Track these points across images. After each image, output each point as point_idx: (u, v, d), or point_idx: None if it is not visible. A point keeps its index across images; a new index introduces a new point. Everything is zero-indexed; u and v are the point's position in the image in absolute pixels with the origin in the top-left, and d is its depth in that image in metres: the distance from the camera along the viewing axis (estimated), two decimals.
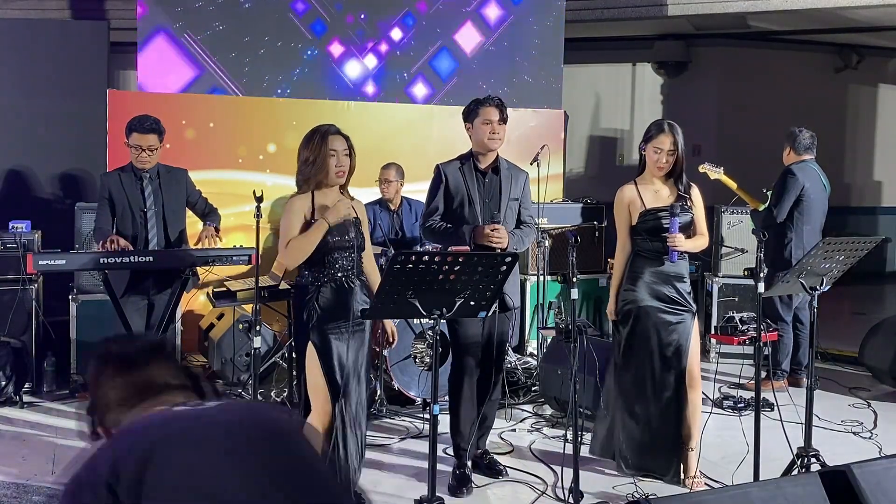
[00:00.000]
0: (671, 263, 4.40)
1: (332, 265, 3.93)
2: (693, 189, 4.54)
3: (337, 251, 3.93)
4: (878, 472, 2.95)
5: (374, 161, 6.41)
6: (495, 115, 4.53)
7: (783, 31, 11.36)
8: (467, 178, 4.57)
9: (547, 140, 6.97)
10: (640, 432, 4.47)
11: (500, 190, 4.57)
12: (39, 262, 4.41)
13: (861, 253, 4.36)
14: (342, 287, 3.93)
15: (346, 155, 3.98)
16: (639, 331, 4.44)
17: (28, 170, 7.24)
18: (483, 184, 4.58)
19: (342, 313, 3.89)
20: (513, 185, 4.61)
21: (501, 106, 4.58)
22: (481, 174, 4.59)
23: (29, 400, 5.84)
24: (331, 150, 3.93)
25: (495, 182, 4.58)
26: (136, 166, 4.96)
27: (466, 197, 4.54)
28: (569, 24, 8.39)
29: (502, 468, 4.65)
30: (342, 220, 3.88)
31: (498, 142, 4.57)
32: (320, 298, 3.91)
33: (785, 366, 6.18)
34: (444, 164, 4.64)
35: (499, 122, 4.54)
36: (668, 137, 4.41)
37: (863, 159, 12.68)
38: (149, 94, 7.04)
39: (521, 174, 4.70)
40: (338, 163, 3.95)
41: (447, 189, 4.56)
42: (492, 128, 4.53)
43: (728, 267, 7.13)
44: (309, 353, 3.92)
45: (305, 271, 3.97)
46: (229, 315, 6.21)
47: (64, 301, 6.10)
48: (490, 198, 4.56)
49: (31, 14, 8.58)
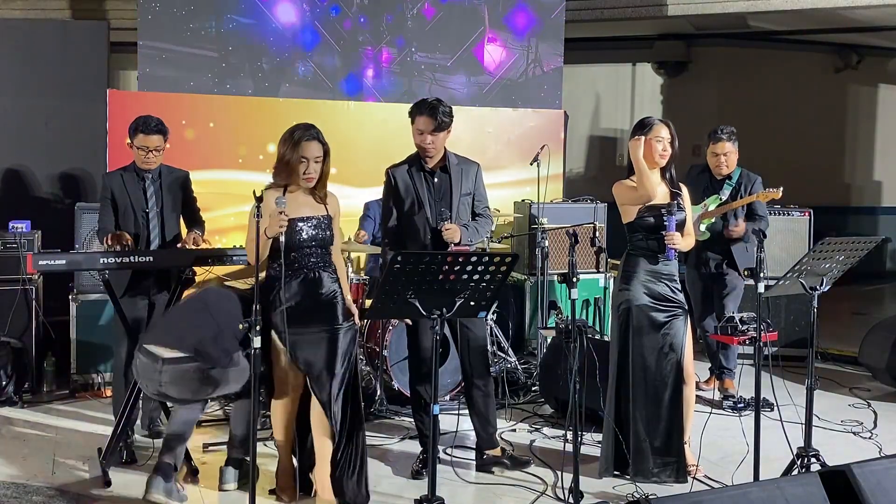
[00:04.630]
0: (667, 262, 4.41)
1: (298, 260, 4.07)
2: (683, 188, 4.58)
3: (304, 247, 4.06)
4: (878, 472, 2.96)
5: (374, 161, 6.40)
6: (429, 125, 4.44)
7: (783, 31, 11.36)
8: (416, 179, 4.54)
9: (547, 140, 6.97)
10: (642, 433, 4.46)
11: (451, 188, 4.54)
12: (39, 262, 4.40)
13: (861, 253, 4.36)
14: (307, 279, 4.07)
15: (317, 162, 4.07)
16: (635, 329, 4.46)
17: (28, 170, 7.23)
18: (432, 184, 4.55)
19: (308, 305, 4.04)
20: (464, 181, 4.58)
21: (434, 114, 4.42)
22: (429, 174, 4.56)
23: (29, 400, 5.84)
24: (301, 157, 4.03)
25: (445, 180, 4.56)
26: (140, 167, 4.95)
27: (416, 199, 4.52)
28: (569, 24, 8.38)
29: (528, 459, 4.74)
30: (278, 234, 3.91)
31: (431, 151, 4.50)
32: (286, 290, 4.02)
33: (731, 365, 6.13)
34: (393, 168, 4.62)
35: (433, 131, 4.43)
36: (665, 128, 4.47)
37: (863, 159, 12.68)
38: (149, 94, 7.03)
39: (471, 167, 4.66)
40: (306, 169, 4.04)
41: (396, 193, 4.55)
42: (423, 138, 4.47)
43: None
44: (273, 342, 4.06)
45: (275, 263, 4.08)
46: None
47: (64, 301, 6.10)
48: (441, 197, 4.53)
49: (31, 14, 8.57)
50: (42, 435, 5.21)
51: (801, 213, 7.21)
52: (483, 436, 4.69)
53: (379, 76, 7.74)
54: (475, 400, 4.65)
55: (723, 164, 5.88)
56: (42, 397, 5.95)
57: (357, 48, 7.62)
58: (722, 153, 5.86)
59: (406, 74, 7.77)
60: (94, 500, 4.24)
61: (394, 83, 7.76)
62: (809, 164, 11.69)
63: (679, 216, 4.43)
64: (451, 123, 4.53)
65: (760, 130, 10.79)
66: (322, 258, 4.13)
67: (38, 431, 5.28)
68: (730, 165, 5.90)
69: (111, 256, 4.51)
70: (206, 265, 4.70)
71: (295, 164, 4.03)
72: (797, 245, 7.05)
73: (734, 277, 5.89)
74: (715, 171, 5.94)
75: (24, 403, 5.75)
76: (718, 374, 6.05)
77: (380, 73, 7.73)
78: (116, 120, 6.60)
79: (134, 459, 4.73)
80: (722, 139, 5.86)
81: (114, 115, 6.70)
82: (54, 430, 5.29)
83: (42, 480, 4.45)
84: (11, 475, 4.51)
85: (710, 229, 5.87)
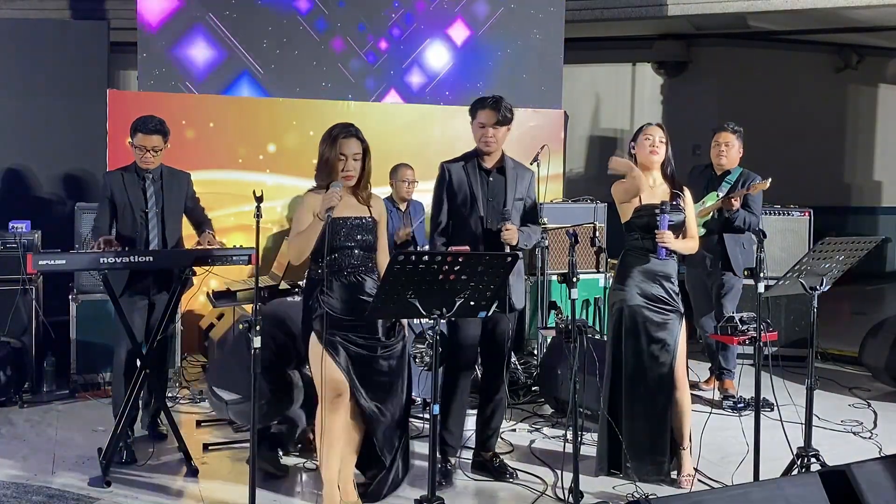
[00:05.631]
0: (659, 261, 4.41)
1: (339, 261, 3.97)
2: (686, 191, 4.58)
3: (345, 249, 3.97)
4: (878, 472, 2.96)
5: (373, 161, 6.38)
6: (491, 118, 4.43)
7: (783, 31, 11.36)
8: (471, 176, 4.49)
9: (547, 140, 6.98)
10: (634, 433, 4.47)
11: (506, 189, 4.50)
12: (39, 262, 4.40)
13: (861, 253, 4.36)
14: (349, 284, 3.97)
15: (356, 159, 3.99)
16: (627, 329, 4.46)
17: (28, 170, 7.24)
18: (487, 183, 4.50)
19: (349, 309, 3.94)
20: (519, 184, 4.54)
21: (497, 107, 4.43)
22: (486, 173, 4.52)
23: (29, 400, 5.84)
24: (340, 154, 3.97)
25: (500, 182, 4.51)
26: (139, 166, 4.95)
27: (469, 196, 4.47)
28: (569, 24, 8.39)
29: (512, 471, 4.60)
30: (328, 208, 3.82)
31: (493, 145, 4.47)
32: (327, 293, 3.94)
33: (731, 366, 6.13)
34: (448, 163, 4.58)
35: (495, 125, 4.43)
36: (657, 129, 4.52)
37: (863, 159, 12.68)
38: (149, 94, 7.04)
39: (527, 172, 4.64)
40: (345, 167, 3.97)
41: (450, 186, 4.50)
42: (485, 132, 4.45)
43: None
44: (312, 344, 3.97)
45: (316, 266, 4.00)
46: (229, 315, 6.21)
47: (64, 301, 6.10)
48: (494, 197, 4.48)
49: (31, 14, 8.58)
50: (42, 435, 5.21)
51: (801, 213, 7.21)
52: (480, 437, 4.69)
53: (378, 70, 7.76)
54: (484, 405, 4.64)
55: (723, 154, 5.90)
56: (42, 397, 5.95)
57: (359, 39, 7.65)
58: (723, 142, 5.90)
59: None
60: (94, 500, 4.24)
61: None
62: (809, 164, 11.70)
63: (675, 217, 4.43)
64: (512, 120, 4.51)
65: (760, 130, 10.77)
66: (365, 261, 4.03)
67: (38, 431, 5.29)
68: (730, 158, 5.91)
69: (111, 256, 4.50)
70: (206, 265, 4.70)
71: (334, 162, 3.97)
72: (797, 245, 7.05)
73: (731, 277, 5.90)
74: (715, 162, 5.96)
75: (24, 403, 5.75)
76: (718, 375, 6.05)
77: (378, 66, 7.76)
78: (116, 120, 6.60)
79: (134, 459, 4.73)
80: (725, 129, 5.93)
81: (114, 115, 6.71)
82: (54, 430, 5.29)
83: (42, 480, 4.45)
84: (11, 475, 4.51)
85: (705, 226, 5.87)
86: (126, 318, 4.74)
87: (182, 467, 4.62)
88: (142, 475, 4.55)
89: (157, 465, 4.72)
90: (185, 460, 4.59)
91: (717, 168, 5.98)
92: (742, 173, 5.92)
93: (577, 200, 7.23)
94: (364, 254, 4.03)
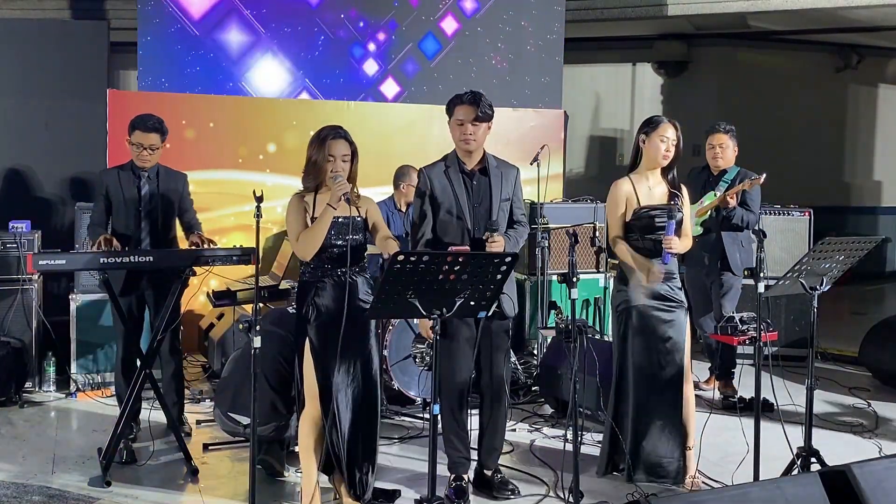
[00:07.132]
0: (663, 265, 4.39)
1: (330, 263, 4.00)
2: (683, 190, 4.56)
3: (336, 249, 3.99)
4: (878, 472, 2.95)
5: (373, 161, 6.39)
6: (469, 114, 4.14)
7: (783, 31, 11.36)
8: (454, 181, 4.22)
9: (547, 140, 6.98)
10: (643, 433, 4.46)
11: (491, 192, 4.24)
12: (39, 262, 4.40)
13: (861, 253, 4.35)
14: (339, 284, 3.98)
15: (345, 160, 4.01)
16: (635, 330, 4.44)
17: (28, 170, 7.23)
18: (471, 187, 4.24)
19: (339, 312, 3.93)
20: (503, 185, 4.28)
21: (476, 103, 4.14)
22: (468, 176, 4.25)
23: (29, 400, 5.84)
24: (329, 156, 3.98)
25: (484, 184, 4.25)
26: (136, 164, 4.95)
27: (455, 204, 4.21)
28: (569, 24, 8.39)
29: (514, 487, 4.36)
30: (343, 192, 3.85)
31: (473, 143, 4.19)
32: (320, 296, 3.97)
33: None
34: (427, 168, 4.29)
35: (474, 121, 4.14)
36: (672, 128, 4.44)
37: (863, 159, 12.68)
38: (149, 94, 7.04)
39: (511, 170, 4.35)
40: (334, 168, 3.99)
41: (433, 195, 4.23)
42: (464, 129, 4.17)
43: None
44: (305, 349, 4.00)
45: (307, 269, 4.03)
46: (229, 315, 6.21)
47: (64, 301, 6.10)
48: (479, 202, 4.23)
49: (31, 14, 8.59)
50: (42, 435, 5.21)
51: (801, 213, 7.21)
52: (481, 457, 4.46)
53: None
54: (484, 420, 4.41)
55: (718, 155, 5.92)
56: (42, 397, 5.95)
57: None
58: (717, 144, 5.92)
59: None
60: (94, 500, 4.24)
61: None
62: (809, 164, 11.70)
63: (678, 218, 4.42)
64: (492, 116, 4.22)
65: (760, 130, 10.79)
66: (355, 263, 4.01)
67: (38, 431, 5.28)
68: (725, 159, 5.92)
69: (111, 256, 4.50)
70: (206, 265, 4.69)
71: (322, 163, 3.98)
72: (797, 245, 7.05)
73: (730, 277, 5.90)
74: (711, 163, 5.98)
75: (24, 403, 5.75)
76: (718, 375, 6.05)
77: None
78: (116, 120, 6.60)
79: (134, 459, 4.72)
80: (718, 130, 5.95)
81: (114, 115, 6.71)
82: (54, 430, 5.29)
83: (42, 480, 4.45)
84: (11, 475, 4.51)
85: (703, 225, 5.87)
86: (126, 318, 4.74)
87: (182, 467, 4.62)
88: (142, 475, 4.55)
89: (157, 465, 4.72)
90: (185, 460, 4.58)
91: (713, 169, 5.99)
92: (739, 172, 5.93)
93: (577, 200, 7.23)
94: (356, 254, 4.04)
